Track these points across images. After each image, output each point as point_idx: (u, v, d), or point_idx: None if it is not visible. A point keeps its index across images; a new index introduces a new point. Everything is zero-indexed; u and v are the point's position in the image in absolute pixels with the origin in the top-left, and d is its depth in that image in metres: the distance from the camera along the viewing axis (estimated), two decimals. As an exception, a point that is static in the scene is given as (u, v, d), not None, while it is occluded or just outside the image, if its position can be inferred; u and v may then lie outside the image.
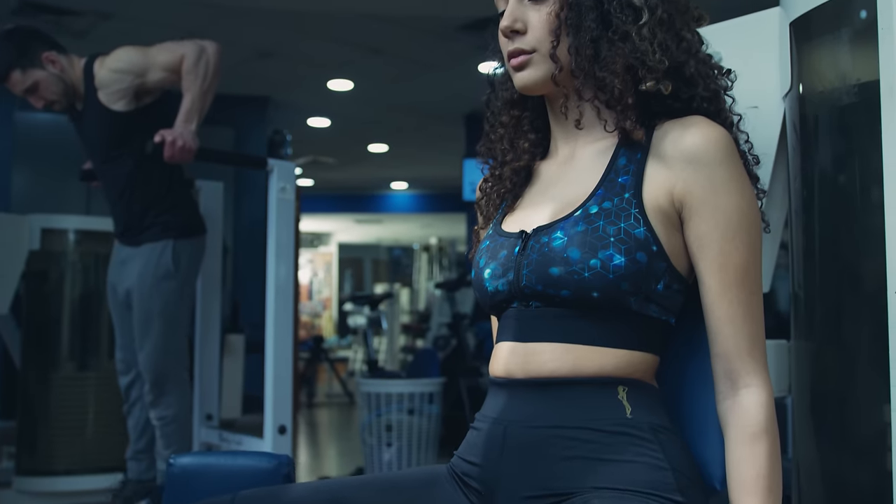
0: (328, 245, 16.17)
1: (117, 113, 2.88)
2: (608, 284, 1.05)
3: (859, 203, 1.36)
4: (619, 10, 1.12)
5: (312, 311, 15.27)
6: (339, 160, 9.72)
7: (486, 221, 1.29)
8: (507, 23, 1.16)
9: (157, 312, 2.93)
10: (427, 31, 5.08)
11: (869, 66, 1.29)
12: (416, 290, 14.34)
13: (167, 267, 2.92)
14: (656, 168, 1.11)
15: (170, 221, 2.94)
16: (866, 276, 1.34)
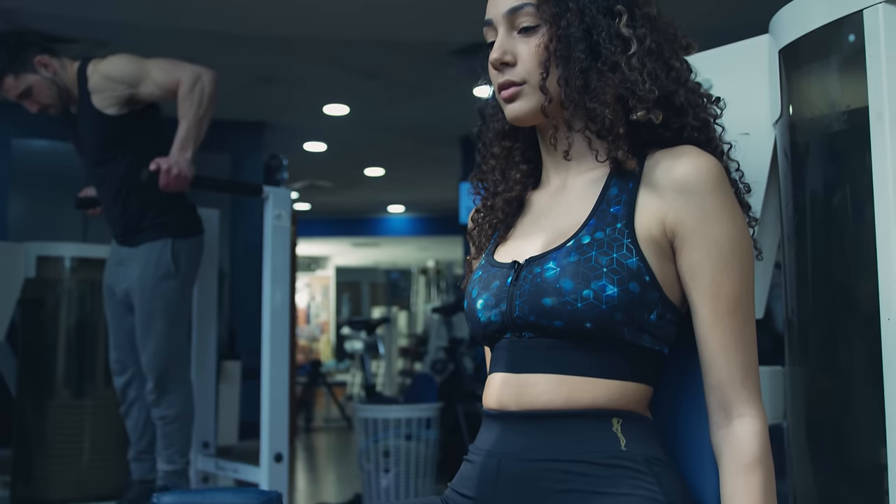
0: (325, 269, 16.16)
1: (110, 116, 2.88)
2: (601, 315, 1.05)
3: (851, 229, 1.36)
4: (608, 40, 1.12)
5: (310, 335, 15.24)
6: (336, 184, 9.73)
7: (478, 251, 1.29)
8: (497, 55, 1.16)
9: (159, 312, 2.92)
10: (422, 55, 5.11)
11: (858, 93, 1.29)
12: (414, 314, 14.32)
13: (167, 266, 2.91)
14: (648, 198, 1.11)
15: (168, 221, 2.93)
16: (859, 302, 1.34)
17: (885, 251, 1.23)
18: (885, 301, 1.23)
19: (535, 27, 1.15)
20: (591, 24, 1.13)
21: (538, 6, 1.14)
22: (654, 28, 1.16)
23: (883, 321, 1.23)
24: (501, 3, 1.17)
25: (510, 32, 1.17)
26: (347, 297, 16.53)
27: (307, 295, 15.80)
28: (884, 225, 1.23)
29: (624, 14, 1.14)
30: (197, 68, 2.84)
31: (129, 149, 2.91)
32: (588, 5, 1.13)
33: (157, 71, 2.86)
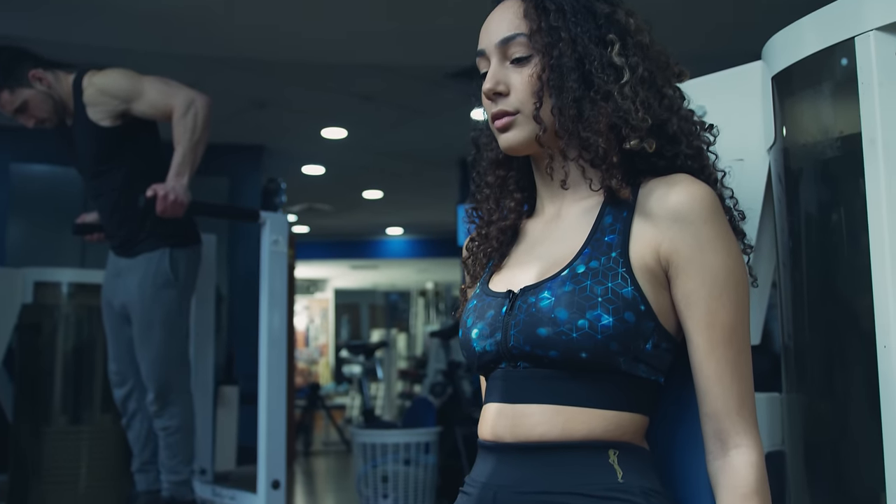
0: (324, 291, 16.14)
1: (106, 128, 2.88)
2: (596, 345, 1.05)
3: (846, 255, 1.36)
4: (601, 69, 1.12)
5: (309, 357, 15.20)
6: (334, 207, 9.75)
7: (472, 280, 1.29)
8: (490, 85, 1.16)
9: (158, 322, 2.91)
10: (419, 78, 5.13)
11: (850, 119, 1.30)
12: (413, 336, 14.29)
13: (166, 275, 2.90)
14: (642, 226, 1.11)
15: (165, 231, 2.92)
16: (856, 328, 1.33)
17: (880, 278, 1.23)
18: (881, 328, 1.22)
19: (527, 57, 1.15)
20: (583, 54, 1.13)
21: (530, 36, 1.14)
22: (646, 56, 1.16)
23: (879, 349, 1.23)
24: (494, 34, 1.18)
25: (503, 62, 1.17)
26: (346, 319, 16.50)
27: (306, 317, 15.78)
28: (878, 252, 1.23)
29: (616, 43, 1.14)
30: (191, 93, 2.84)
31: (124, 161, 2.91)
32: (580, 35, 1.13)
33: (152, 91, 2.86)
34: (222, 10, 4.08)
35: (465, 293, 1.31)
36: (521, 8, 1.16)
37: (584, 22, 1.14)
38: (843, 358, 1.42)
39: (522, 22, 1.15)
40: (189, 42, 4.49)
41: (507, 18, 1.17)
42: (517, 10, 1.17)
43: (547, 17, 1.14)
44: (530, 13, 1.15)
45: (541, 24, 1.14)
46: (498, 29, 1.17)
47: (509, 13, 1.17)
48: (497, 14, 1.19)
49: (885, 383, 1.22)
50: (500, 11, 1.19)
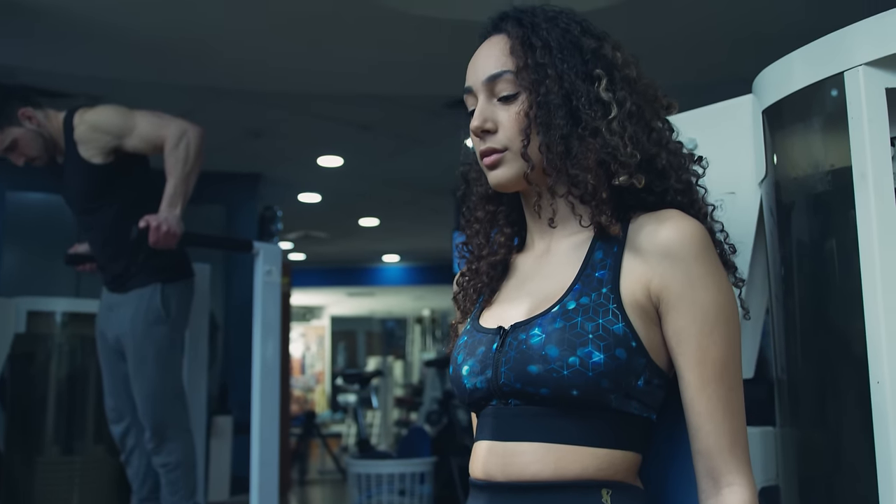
0: (320, 318, 16.10)
1: (97, 166, 2.87)
2: (588, 382, 1.04)
3: (838, 290, 1.36)
4: (588, 105, 1.12)
5: (305, 385, 15.14)
6: (331, 234, 9.74)
7: (463, 316, 1.28)
8: (478, 123, 1.16)
9: (151, 358, 2.89)
10: (415, 107, 5.15)
11: (841, 153, 1.30)
12: (410, 363, 14.25)
13: (157, 312, 2.88)
14: (633, 262, 1.10)
15: (157, 266, 2.90)
16: (849, 361, 1.33)
17: (873, 313, 1.22)
18: (874, 364, 1.22)
19: (514, 94, 1.15)
20: (570, 90, 1.12)
21: (517, 73, 1.14)
22: (633, 90, 1.16)
23: (872, 384, 1.22)
24: (480, 71, 1.18)
25: (490, 99, 1.17)
26: (343, 346, 16.45)
27: (302, 345, 15.73)
28: (870, 287, 1.23)
29: (603, 78, 1.14)
30: (183, 124, 2.84)
31: (116, 198, 2.90)
32: (567, 71, 1.13)
33: (144, 125, 2.86)
34: (217, 42, 4.10)
35: (455, 328, 1.30)
36: (507, 44, 1.16)
37: (571, 57, 1.14)
38: (837, 391, 1.41)
39: (509, 59, 1.16)
40: (184, 72, 4.51)
41: (493, 55, 1.17)
42: (504, 46, 1.17)
43: (533, 54, 1.14)
44: (517, 50, 1.15)
45: (527, 60, 1.14)
46: (485, 66, 1.17)
47: (496, 49, 1.17)
48: (484, 50, 1.19)
49: (879, 419, 1.21)
50: (486, 47, 1.19)
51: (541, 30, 1.15)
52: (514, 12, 1.19)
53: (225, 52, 4.23)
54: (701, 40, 4.16)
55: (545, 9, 1.19)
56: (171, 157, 2.79)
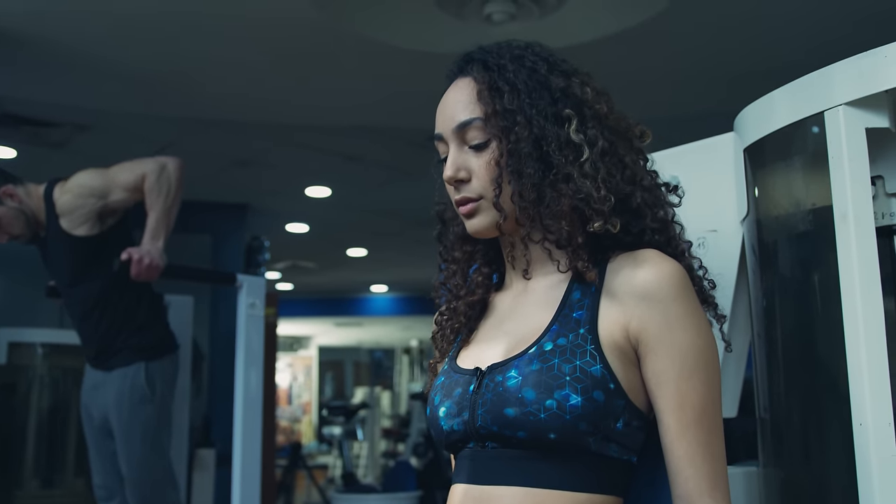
0: (308, 349, 16.02)
1: (79, 238, 2.85)
2: (565, 425, 1.02)
3: (820, 329, 1.35)
4: (559, 150, 1.11)
5: (292, 415, 15.02)
6: (319, 264, 9.72)
7: (441, 356, 1.27)
8: (451, 173, 1.15)
9: (138, 438, 2.85)
10: (402, 139, 5.15)
11: (822, 192, 1.29)
12: (398, 394, 14.17)
13: (142, 391, 2.85)
14: (610, 303, 1.09)
15: (140, 343, 2.88)
16: (832, 402, 1.32)
17: (855, 355, 1.21)
18: (857, 406, 1.21)
19: (485, 142, 1.14)
20: (540, 135, 1.11)
21: (486, 120, 1.13)
22: (605, 126, 1.14)
23: (855, 426, 1.21)
24: (449, 118, 1.16)
25: (462, 147, 1.16)
26: (331, 376, 16.35)
27: (289, 375, 15.62)
28: (852, 328, 1.21)
29: (574, 118, 1.12)
30: (161, 158, 2.84)
31: (100, 270, 2.87)
32: (536, 116, 1.11)
33: (122, 174, 2.85)
34: (205, 74, 4.10)
35: (434, 368, 1.28)
36: (474, 90, 1.15)
37: (540, 99, 1.12)
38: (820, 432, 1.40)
39: (477, 105, 1.14)
40: (172, 103, 4.50)
41: (461, 101, 1.16)
42: (471, 91, 1.15)
43: (501, 99, 1.12)
44: (484, 95, 1.13)
45: (496, 106, 1.12)
46: (454, 112, 1.16)
47: (463, 95, 1.16)
48: (452, 95, 1.18)
49: (861, 461, 1.20)
50: (454, 92, 1.18)
51: (507, 72, 1.13)
52: (480, 54, 1.18)
53: (212, 83, 4.24)
54: (688, 75, 4.19)
55: (512, 46, 1.18)
56: (152, 191, 2.78)
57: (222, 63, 3.99)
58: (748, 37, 3.73)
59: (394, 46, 3.74)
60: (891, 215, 1.37)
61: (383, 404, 13.30)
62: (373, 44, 3.72)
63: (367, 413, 9.78)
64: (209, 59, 3.94)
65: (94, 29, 3.54)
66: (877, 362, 1.20)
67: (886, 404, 1.19)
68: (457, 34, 3.47)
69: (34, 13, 3.36)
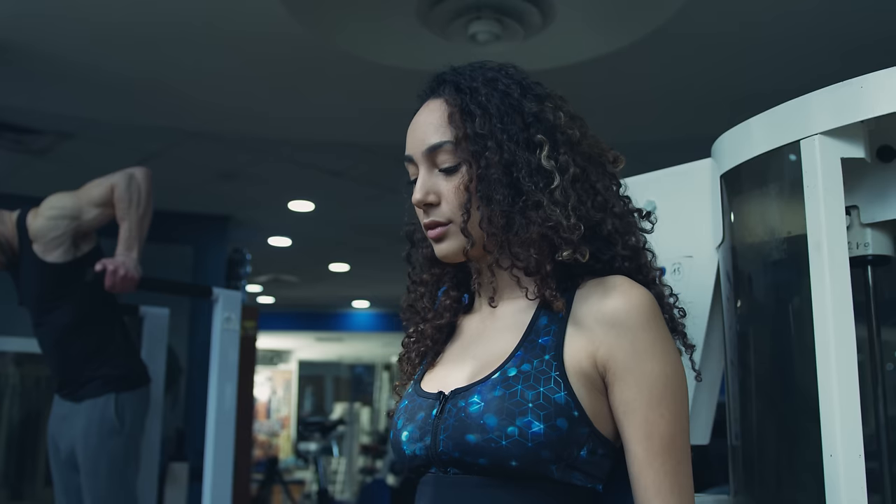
0: (288, 363, 15.93)
1: (52, 264, 2.80)
2: (527, 453, 1.01)
3: (793, 358, 1.34)
4: (529, 176, 1.09)
5: (270, 430, 14.91)
6: (301, 278, 9.68)
7: (407, 378, 1.25)
8: (420, 196, 1.13)
9: (105, 471, 2.79)
10: (386, 156, 5.15)
11: (797, 221, 1.29)
12: (377, 410, 14.10)
13: (111, 423, 2.79)
14: (578, 330, 1.07)
15: (110, 374, 2.83)
16: (803, 431, 1.31)
17: (826, 385, 1.20)
18: (827, 437, 1.20)
19: (455, 166, 1.12)
20: (510, 161, 1.09)
21: (457, 144, 1.11)
22: (577, 152, 1.13)
23: (825, 457, 1.20)
24: (420, 141, 1.14)
25: (432, 170, 1.14)
26: (310, 391, 16.25)
27: (268, 389, 15.52)
28: (824, 358, 1.21)
29: (545, 144, 1.11)
30: (128, 170, 2.81)
31: (71, 299, 2.83)
32: (507, 141, 1.10)
33: (91, 191, 2.82)
34: (190, 84, 4.08)
35: (399, 391, 1.26)
36: (445, 112, 1.13)
37: (511, 124, 1.11)
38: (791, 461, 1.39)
39: (448, 128, 1.12)
40: (156, 113, 4.49)
41: (432, 123, 1.14)
42: (442, 113, 1.14)
43: (472, 123, 1.11)
44: (455, 118, 1.12)
45: (466, 130, 1.10)
46: (424, 135, 1.14)
47: (434, 117, 1.14)
48: (423, 117, 1.16)
49: (831, 493, 1.19)
50: (425, 114, 1.16)
51: (480, 95, 1.12)
52: (452, 75, 1.16)
53: (197, 95, 4.22)
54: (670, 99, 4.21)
55: (484, 68, 1.16)
56: (122, 202, 2.75)
57: (207, 75, 3.98)
58: (731, 63, 3.75)
59: (379, 64, 3.74)
60: (865, 245, 1.37)
61: (363, 420, 13.23)
62: (358, 61, 3.71)
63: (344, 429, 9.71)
64: (194, 71, 3.93)
65: (77, 37, 3.52)
66: (848, 393, 1.19)
67: (857, 435, 1.19)
68: (441, 53, 3.47)
69: (16, 20, 3.34)
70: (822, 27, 3.37)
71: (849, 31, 3.38)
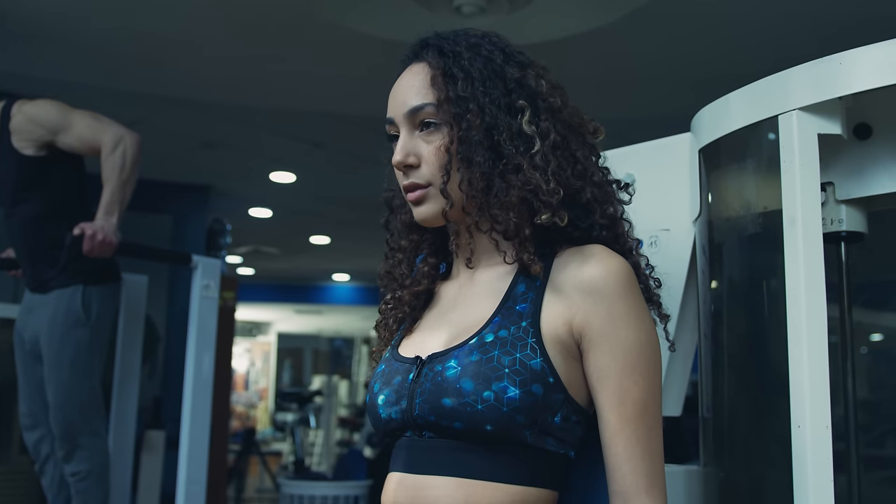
0: (267, 335, 15.92)
1: (28, 157, 2.79)
2: (502, 417, 1.02)
3: (765, 331, 1.36)
4: (510, 140, 1.10)
5: (248, 401, 14.92)
6: (281, 250, 9.66)
7: (384, 344, 1.26)
8: (400, 158, 1.13)
9: (67, 361, 2.77)
10: (369, 128, 5.13)
11: (773, 196, 1.30)
12: (355, 383, 14.13)
13: (77, 314, 2.77)
14: (555, 297, 1.08)
15: (80, 266, 2.78)
16: (772, 404, 1.33)
17: (797, 358, 1.22)
18: (796, 408, 1.22)
19: (436, 128, 1.12)
20: (491, 124, 1.10)
21: (438, 106, 1.11)
22: (558, 120, 1.14)
23: (793, 428, 1.22)
24: (402, 102, 1.15)
25: (412, 132, 1.14)
26: (289, 363, 16.27)
27: (247, 360, 15.52)
28: (795, 332, 1.23)
29: (527, 109, 1.11)
30: (119, 130, 2.78)
31: (43, 191, 2.82)
32: (489, 104, 1.10)
33: (81, 125, 2.79)
34: (172, 50, 4.05)
35: (376, 356, 1.27)
36: (428, 75, 1.14)
37: (493, 89, 1.11)
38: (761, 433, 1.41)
39: (430, 91, 1.13)
40: (137, 79, 4.45)
41: (415, 86, 1.14)
42: (425, 77, 1.14)
43: (455, 86, 1.11)
44: (438, 81, 1.12)
45: (448, 92, 1.11)
46: (406, 97, 1.14)
47: (417, 80, 1.14)
48: (405, 80, 1.16)
49: (798, 464, 1.21)
50: (408, 77, 1.16)
51: (462, 59, 1.12)
52: (436, 39, 1.16)
53: (180, 60, 4.19)
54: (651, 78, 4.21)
55: (468, 34, 1.16)
56: (107, 163, 2.73)
57: (190, 42, 3.94)
58: (713, 43, 3.76)
59: (363, 34, 3.72)
60: (839, 222, 1.39)
61: (341, 393, 13.26)
62: (342, 30, 3.69)
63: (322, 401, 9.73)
64: (177, 37, 3.89)
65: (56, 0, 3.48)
66: (818, 365, 1.21)
67: (825, 407, 1.21)
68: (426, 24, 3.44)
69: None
70: (801, 8, 3.39)
71: (828, 13, 3.40)
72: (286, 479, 4.30)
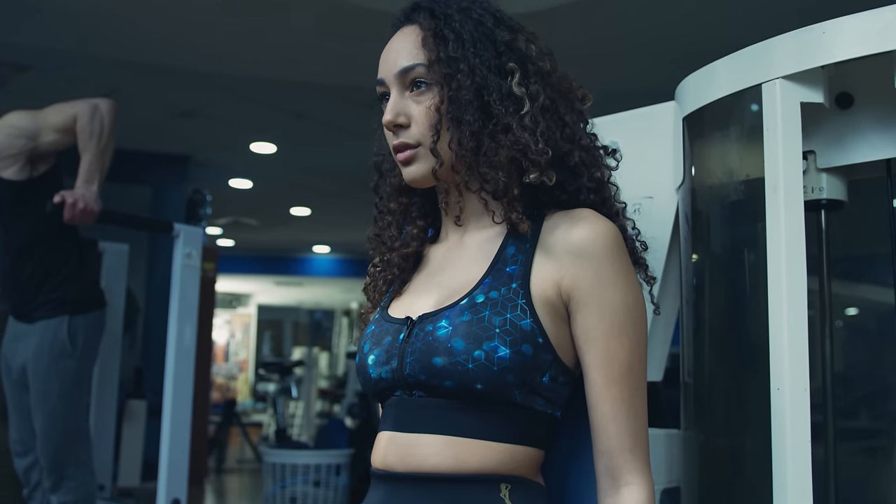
0: (247, 306, 15.90)
1: (8, 182, 2.75)
2: (492, 376, 1.04)
3: (746, 297, 1.38)
4: (500, 101, 1.11)
5: (228, 373, 14.93)
6: (261, 222, 9.63)
7: (373, 306, 1.27)
8: (390, 117, 1.15)
9: (55, 393, 2.77)
10: (350, 99, 5.11)
11: (756, 164, 1.32)
12: (336, 355, 14.17)
13: (63, 345, 2.77)
14: (544, 259, 1.10)
15: (65, 296, 2.80)
16: (753, 368, 1.35)
17: (777, 322, 1.25)
18: (776, 371, 1.24)
19: (426, 88, 1.14)
20: (482, 85, 1.12)
21: (429, 66, 1.13)
22: (547, 83, 1.15)
23: (773, 391, 1.25)
24: (392, 63, 1.16)
25: (403, 92, 1.15)
26: (269, 335, 16.27)
27: (227, 332, 15.51)
28: (776, 297, 1.25)
29: (516, 72, 1.13)
30: (93, 100, 2.75)
31: (27, 218, 2.78)
32: (479, 65, 1.12)
33: (53, 115, 2.75)
34: (150, 15, 4.01)
35: (365, 318, 1.29)
36: (419, 36, 1.15)
37: (484, 50, 1.13)
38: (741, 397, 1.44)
39: (421, 51, 1.14)
40: (114, 45, 4.40)
41: (405, 47, 1.15)
42: (416, 38, 1.15)
43: (445, 47, 1.12)
44: (429, 42, 1.13)
45: (439, 53, 1.12)
46: (397, 58, 1.16)
47: (408, 41, 1.16)
48: (396, 41, 1.17)
49: (777, 425, 1.24)
50: (399, 38, 1.17)
51: (454, 21, 1.13)
52: (427, 2, 1.17)
53: (159, 27, 4.15)
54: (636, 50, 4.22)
55: None
56: (84, 133, 2.70)
57: (169, 6, 3.90)
58: (698, 16, 3.77)
59: (347, 3, 3.70)
60: (820, 189, 1.41)
61: (321, 365, 13.29)
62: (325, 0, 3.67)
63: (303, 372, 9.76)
64: (155, 3, 3.85)
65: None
66: (797, 329, 1.24)
67: (804, 369, 1.23)
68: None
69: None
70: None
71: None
72: (268, 448, 4.32)
